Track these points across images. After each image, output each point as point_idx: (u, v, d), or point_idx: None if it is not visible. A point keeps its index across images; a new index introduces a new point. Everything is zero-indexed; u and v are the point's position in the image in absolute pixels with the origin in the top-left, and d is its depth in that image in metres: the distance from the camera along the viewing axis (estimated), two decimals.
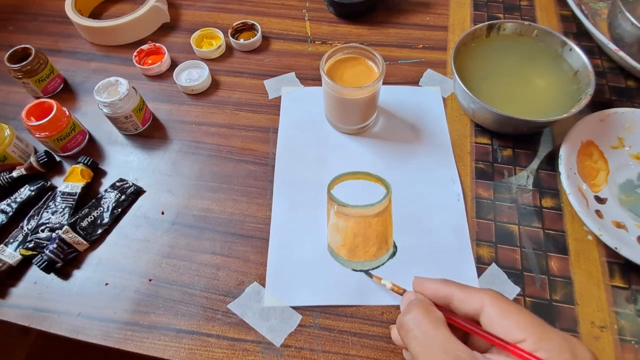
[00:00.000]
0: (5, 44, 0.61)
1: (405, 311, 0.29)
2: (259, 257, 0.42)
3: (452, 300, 0.29)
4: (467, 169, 0.47)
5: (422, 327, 0.27)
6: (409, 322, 0.28)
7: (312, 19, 0.63)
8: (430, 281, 0.31)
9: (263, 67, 0.57)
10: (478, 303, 0.28)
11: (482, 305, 0.27)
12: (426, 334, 0.27)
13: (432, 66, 0.56)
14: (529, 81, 0.49)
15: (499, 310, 0.27)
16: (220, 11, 0.64)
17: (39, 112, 0.47)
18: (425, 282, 0.31)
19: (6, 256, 0.42)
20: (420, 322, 0.28)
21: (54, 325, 0.39)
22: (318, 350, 0.37)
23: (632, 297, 0.39)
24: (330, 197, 0.45)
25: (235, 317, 0.39)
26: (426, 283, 0.31)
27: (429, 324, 0.27)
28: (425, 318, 0.28)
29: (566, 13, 0.61)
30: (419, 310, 0.28)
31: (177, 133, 0.51)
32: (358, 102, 0.45)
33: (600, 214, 0.42)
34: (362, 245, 0.42)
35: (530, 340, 0.25)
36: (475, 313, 0.28)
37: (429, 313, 0.28)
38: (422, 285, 0.31)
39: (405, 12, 0.63)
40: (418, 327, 0.27)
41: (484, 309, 0.27)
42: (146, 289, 0.41)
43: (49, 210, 0.44)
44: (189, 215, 0.45)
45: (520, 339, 0.25)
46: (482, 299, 0.28)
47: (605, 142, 0.46)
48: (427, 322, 0.27)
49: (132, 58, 0.57)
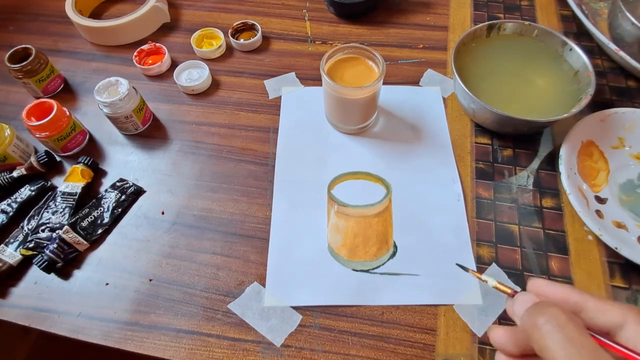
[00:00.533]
0: (6, 44, 0.61)
1: (538, 312, 0.26)
2: (259, 257, 0.42)
3: (585, 309, 0.26)
4: (468, 169, 0.47)
5: (566, 331, 0.24)
6: (547, 325, 0.24)
7: (312, 19, 0.63)
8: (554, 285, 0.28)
9: (263, 67, 0.57)
10: (619, 317, 0.25)
11: (625, 320, 0.25)
12: (572, 340, 0.24)
13: (432, 66, 0.56)
14: (529, 81, 0.49)
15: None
16: (220, 11, 0.64)
17: (39, 112, 0.47)
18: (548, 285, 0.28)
19: (6, 256, 0.42)
20: (565, 326, 0.24)
21: (54, 325, 0.39)
22: (318, 350, 0.37)
23: (633, 297, 0.39)
24: (330, 197, 0.45)
25: (236, 317, 0.39)
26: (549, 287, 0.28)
27: (574, 329, 0.24)
28: (570, 322, 0.24)
29: (566, 13, 0.61)
30: (560, 313, 0.25)
31: (177, 133, 0.51)
32: (358, 102, 0.45)
33: (601, 214, 0.42)
34: (362, 245, 0.42)
35: None
36: (613, 327, 0.25)
37: (572, 317, 0.25)
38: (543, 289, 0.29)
39: (405, 12, 0.63)
40: (561, 331, 0.24)
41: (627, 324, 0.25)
42: (146, 289, 0.41)
43: (49, 210, 0.44)
44: (189, 215, 0.45)
45: None
46: (624, 313, 0.25)
47: (605, 142, 0.46)
48: (572, 326, 0.24)
49: (132, 58, 0.57)
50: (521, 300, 0.28)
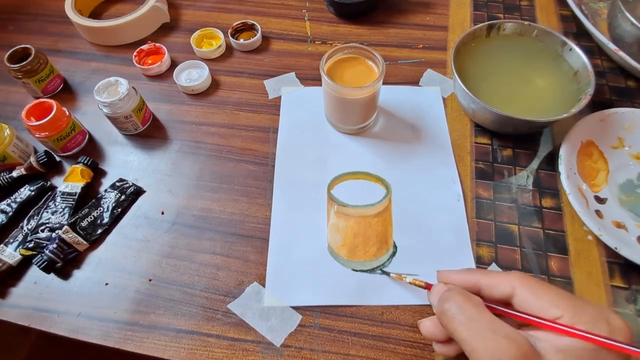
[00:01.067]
0: (5, 44, 0.61)
1: (442, 300, 0.29)
2: (259, 257, 0.42)
3: (481, 288, 0.30)
4: (467, 169, 0.47)
5: (465, 312, 0.27)
6: (451, 309, 0.28)
7: (312, 19, 0.63)
8: (456, 272, 0.32)
9: (263, 67, 0.57)
10: (508, 287, 0.29)
11: (513, 288, 0.28)
12: (471, 318, 0.27)
13: (432, 66, 0.56)
14: (529, 81, 0.49)
15: (530, 291, 0.28)
16: (220, 11, 0.64)
17: (39, 112, 0.47)
18: (451, 273, 0.32)
19: (6, 256, 0.42)
20: (463, 307, 0.28)
21: (54, 325, 0.39)
22: (318, 350, 0.37)
23: (632, 297, 0.39)
24: (330, 197, 0.45)
25: (235, 317, 0.39)
26: (452, 275, 0.32)
27: (472, 308, 0.28)
28: (467, 303, 0.28)
29: (566, 13, 0.61)
30: (459, 296, 0.29)
31: (177, 133, 0.51)
32: (358, 102, 0.45)
33: (600, 214, 0.42)
34: (362, 245, 0.42)
35: (567, 316, 0.26)
36: (507, 297, 0.29)
37: (470, 298, 0.29)
38: (449, 277, 0.32)
39: (405, 12, 0.63)
40: (462, 312, 0.28)
41: (515, 291, 0.28)
42: (146, 289, 0.41)
43: (49, 210, 0.44)
44: (189, 215, 0.45)
45: (556, 316, 0.26)
46: (510, 282, 0.29)
47: (605, 142, 0.46)
48: (469, 306, 0.28)
49: (132, 58, 0.57)
50: (435, 291, 0.32)
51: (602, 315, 0.26)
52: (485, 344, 0.26)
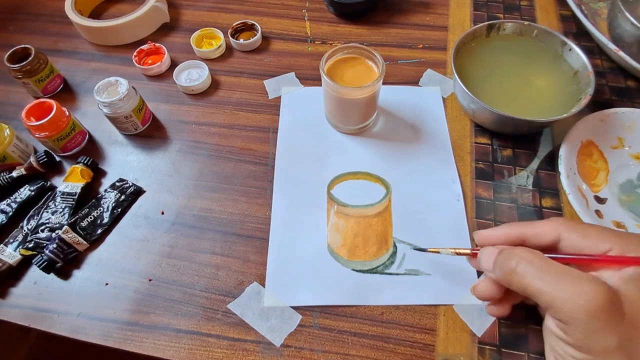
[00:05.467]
0: (5, 44, 0.61)
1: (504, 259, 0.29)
2: (259, 257, 0.42)
3: (527, 239, 0.31)
4: (467, 169, 0.47)
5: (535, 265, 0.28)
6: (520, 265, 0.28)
7: (312, 19, 0.63)
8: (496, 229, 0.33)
9: (263, 67, 0.57)
10: (553, 233, 0.29)
11: (559, 234, 0.29)
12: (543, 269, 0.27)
13: (432, 66, 0.56)
14: (529, 81, 0.49)
15: (577, 233, 0.28)
16: (220, 11, 0.64)
17: (38, 112, 0.47)
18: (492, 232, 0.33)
19: (6, 256, 0.42)
20: (532, 261, 0.28)
21: (54, 325, 0.39)
22: (318, 350, 0.37)
23: None
24: (330, 197, 0.45)
25: (235, 317, 0.39)
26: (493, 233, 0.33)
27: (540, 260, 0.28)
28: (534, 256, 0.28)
29: (566, 13, 0.61)
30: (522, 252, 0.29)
31: (177, 133, 0.51)
32: (358, 102, 0.45)
33: (600, 214, 0.42)
34: (362, 245, 0.42)
35: (617, 247, 0.27)
36: (552, 243, 0.29)
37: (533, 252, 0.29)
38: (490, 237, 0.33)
39: (405, 12, 0.63)
40: (532, 266, 0.28)
41: (561, 236, 0.29)
42: (146, 289, 0.41)
43: (48, 210, 0.44)
44: (189, 215, 0.45)
45: (607, 249, 0.27)
46: (555, 228, 0.29)
47: (605, 142, 0.46)
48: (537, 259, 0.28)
49: (132, 58, 0.57)
50: (485, 254, 0.32)
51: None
52: (567, 290, 0.26)
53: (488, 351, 0.36)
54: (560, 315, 0.26)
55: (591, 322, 0.25)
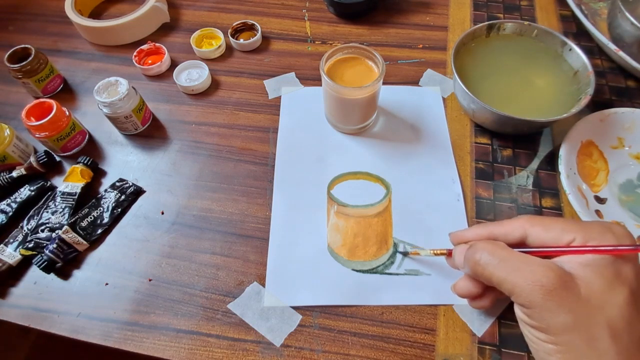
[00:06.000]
0: (5, 44, 0.61)
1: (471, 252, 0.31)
2: (259, 257, 0.42)
3: (496, 237, 0.32)
4: (467, 169, 0.47)
5: (497, 255, 0.30)
6: (483, 257, 0.30)
7: (312, 19, 0.63)
8: (468, 230, 0.35)
9: (263, 67, 0.57)
10: (520, 230, 0.31)
11: (525, 230, 0.31)
12: (503, 258, 0.29)
13: (432, 66, 0.56)
14: (529, 81, 0.49)
15: (541, 227, 0.30)
16: (220, 11, 0.64)
17: (38, 112, 0.47)
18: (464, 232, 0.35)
19: (6, 256, 0.42)
20: (493, 252, 0.30)
21: (54, 325, 0.39)
22: (318, 350, 0.37)
23: None
24: (330, 197, 0.45)
25: (235, 317, 0.39)
26: (466, 233, 0.35)
27: (502, 250, 0.30)
28: (496, 248, 0.30)
29: (566, 13, 0.61)
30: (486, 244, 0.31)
31: (177, 133, 0.51)
32: (358, 102, 0.45)
33: (600, 214, 0.42)
34: (362, 245, 0.42)
35: (579, 237, 0.28)
36: (521, 239, 0.31)
37: (495, 243, 0.31)
38: (463, 236, 0.35)
39: (405, 12, 0.63)
40: (494, 256, 0.30)
41: (527, 232, 0.31)
42: (146, 289, 0.41)
43: (48, 210, 0.44)
44: (189, 215, 0.45)
45: (569, 240, 0.29)
46: (521, 224, 0.31)
47: (605, 142, 0.46)
48: (499, 250, 0.30)
49: (132, 58, 0.57)
50: (457, 252, 0.34)
51: (606, 228, 0.28)
52: (524, 276, 0.28)
53: (488, 351, 0.37)
54: (522, 300, 0.28)
55: (546, 303, 0.27)
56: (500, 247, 0.30)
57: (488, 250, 0.30)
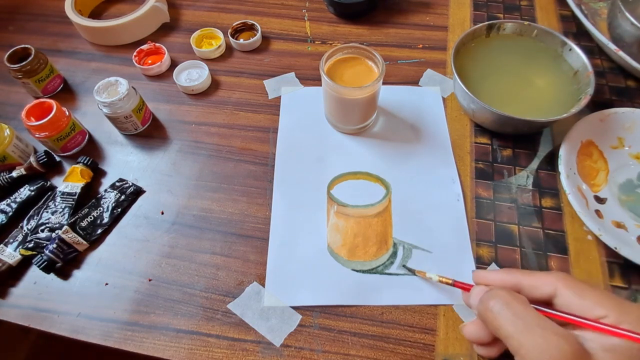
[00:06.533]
0: (5, 44, 0.61)
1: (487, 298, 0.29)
2: (259, 257, 0.42)
3: (522, 288, 0.30)
4: (467, 169, 0.47)
5: (512, 308, 0.27)
6: (497, 306, 0.28)
7: (312, 19, 0.63)
8: (494, 272, 0.33)
9: (263, 67, 0.57)
10: (550, 287, 0.28)
11: (555, 289, 0.28)
12: (518, 314, 0.27)
13: (432, 66, 0.56)
14: (529, 81, 0.49)
15: (574, 291, 0.27)
16: (220, 11, 0.64)
17: (38, 112, 0.47)
18: (488, 274, 0.33)
19: (6, 256, 0.42)
20: (509, 304, 0.28)
21: (54, 325, 0.39)
22: (318, 350, 0.37)
23: (632, 297, 0.39)
24: (330, 197, 0.45)
25: (235, 317, 0.39)
26: (490, 275, 0.33)
27: (519, 305, 0.27)
28: (514, 300, 0.28)
29: (566, 13, 0.61)
30: (504, 293, 0.28)
31: (177, 133, 0.51)
32: (358, 102, 0.45)
33: (600, 213, 0.42)
34: (362, 245, 0.42)
35: (612, 316, 0.25)
36: (548, 297, 0.29)
37: (515, 295, 0.28)
38: (486, 278, 0.33)
39: (405, 12, 0.63)
40: (508, 309, 0.27)
41: (558, 292, 0.28)
42: (146, 289, 0.41)
43: (48, 210, 0.44)
44: (189, 215, 0.45)
45: (601, 315, 0.26)
46: (553, 282, 0.28)
47: (605, 142, 0.46)
48: (516, 303, 0.27)
49: (132, 58, 0.57)
50: (475, 292, 0.32)
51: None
52: (533, 340, 0.25)
53: None
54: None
55: None
56: (519, 300, 0.28)
57: (504, 300, 0.28)
